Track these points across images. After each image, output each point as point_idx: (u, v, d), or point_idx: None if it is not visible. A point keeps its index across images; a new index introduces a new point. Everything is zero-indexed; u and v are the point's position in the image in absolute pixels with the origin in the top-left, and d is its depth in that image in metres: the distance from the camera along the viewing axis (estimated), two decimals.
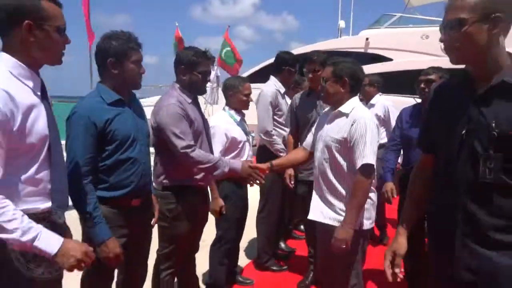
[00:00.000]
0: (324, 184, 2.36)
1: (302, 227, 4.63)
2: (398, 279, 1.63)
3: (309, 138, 2.63)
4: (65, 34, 1.57)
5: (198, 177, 2.55)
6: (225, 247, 3.22)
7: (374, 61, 10.13)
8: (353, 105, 2.34)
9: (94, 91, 2.12)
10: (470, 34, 1.35)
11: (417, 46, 10.26)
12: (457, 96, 1.47)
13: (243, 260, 3.98)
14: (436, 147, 1.59)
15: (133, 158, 2.11)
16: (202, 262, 3.16)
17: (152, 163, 2.38)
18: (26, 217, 1.40)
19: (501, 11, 1.33)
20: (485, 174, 1.35)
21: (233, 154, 3.15)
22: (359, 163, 2.20)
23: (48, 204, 1.54)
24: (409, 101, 4.88)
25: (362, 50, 10.74)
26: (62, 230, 1.61)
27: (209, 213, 2.87)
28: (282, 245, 4.32)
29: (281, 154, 3.52)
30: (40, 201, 1.52)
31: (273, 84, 3.72)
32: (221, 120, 3.17)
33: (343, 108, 2.33)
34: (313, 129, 2.62)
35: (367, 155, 2.18)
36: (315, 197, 2.43)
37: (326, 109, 2.60)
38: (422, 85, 2.89)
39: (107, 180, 2.05)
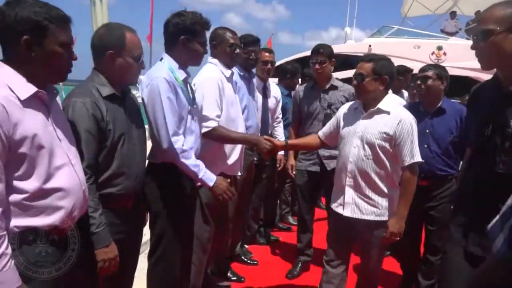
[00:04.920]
0: (363, 180, 2.32)
1: (290, 218, 4.71)
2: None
3: (326, 128, 2.62)
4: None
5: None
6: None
7: None
8: (391, 102, 2.35)
9: None
10: (496, 43, 1.45)
11: (410, 54, 12.41)
12: (488, 97, 1.58)
13: None
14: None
15: None
16: None
17: None
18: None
19: None
20: (499, 165, 1.45)
21: None
22: (409, 161, 2.24)
23: None
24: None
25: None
26: None
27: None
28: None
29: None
30: None
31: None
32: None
33: (382, 106, 2.31)
34: (332, 120, 2.59)
35: (416, 153, 2.25)
36: (348, 193, 2.37)
37: (349, 103, 2.58)
38: (419, 82, 2.87)
39: None
